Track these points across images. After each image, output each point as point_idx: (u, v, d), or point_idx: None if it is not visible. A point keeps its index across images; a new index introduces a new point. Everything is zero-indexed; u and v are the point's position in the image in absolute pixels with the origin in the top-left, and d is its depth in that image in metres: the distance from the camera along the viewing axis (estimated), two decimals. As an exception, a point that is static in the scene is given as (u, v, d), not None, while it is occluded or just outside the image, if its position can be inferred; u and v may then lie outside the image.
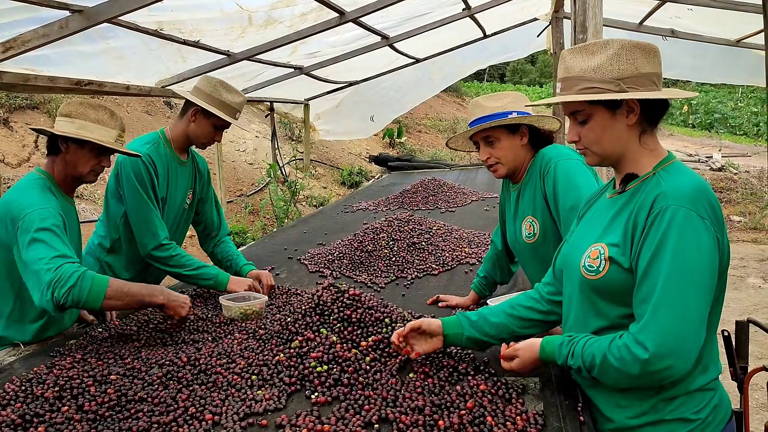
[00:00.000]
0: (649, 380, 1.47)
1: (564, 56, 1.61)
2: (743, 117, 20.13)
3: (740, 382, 2.01)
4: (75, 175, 2.39)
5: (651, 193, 1.51)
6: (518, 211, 2.36)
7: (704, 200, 1.46)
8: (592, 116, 1.58)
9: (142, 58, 4.49)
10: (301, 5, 4.51)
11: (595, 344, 1.53)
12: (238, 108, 2.88)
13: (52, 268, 2.05)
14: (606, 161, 1.64)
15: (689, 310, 1.41)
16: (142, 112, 9.87)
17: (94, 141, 2.31)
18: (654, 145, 1.60)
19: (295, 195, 8.14)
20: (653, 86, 1.53)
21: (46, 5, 3.04)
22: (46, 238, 2.11)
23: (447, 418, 1.59)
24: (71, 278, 2.04)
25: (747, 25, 6.18)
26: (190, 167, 3.05)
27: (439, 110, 18.35)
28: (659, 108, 1.58)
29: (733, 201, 10.24)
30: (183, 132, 2.91)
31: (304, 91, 7.71)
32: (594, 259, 1.58)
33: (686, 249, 1.42)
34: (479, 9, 6.29)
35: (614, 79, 1.51)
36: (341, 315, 2.08)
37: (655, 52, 1.54)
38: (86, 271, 2.11)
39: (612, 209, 1.63)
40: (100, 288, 2.10)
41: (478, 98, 2.30)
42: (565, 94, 1.59)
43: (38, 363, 2.07)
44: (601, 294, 1.59)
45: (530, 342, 1.72)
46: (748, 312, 6.02)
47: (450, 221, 4.22)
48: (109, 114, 2.39)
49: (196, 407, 1.73)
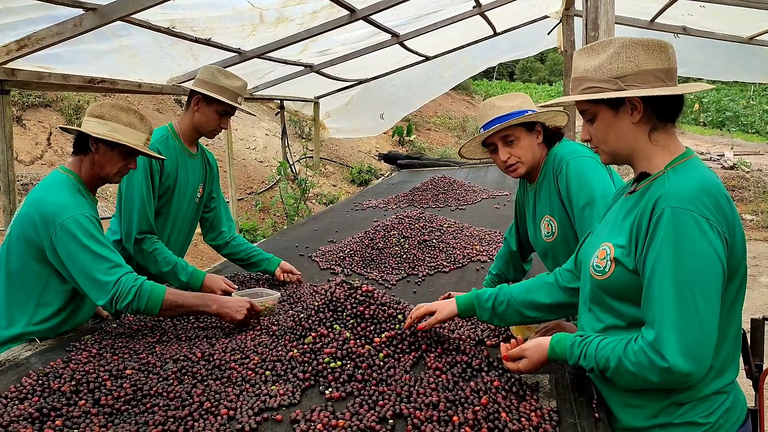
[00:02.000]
0: (666, 386, 1.47)
1: (574, 57, 1.63)
2: (755, 115, 19.97)
3: (755, 380, 2.00)
4: (102, 176, 2.43)
5: (655, 194, 1.49)
6: (537, 210, 2.36)
7: (707, 199, 1.42)
8: (597, 115, 1.58)
9: (155, 56, 4.52)
10: (312, 3, 4.52)
11: (609, 346, 1.51)
12: (238, 92, 2.89)
13: (112, 281, 2.20)
14: (617, 159, 1.63)
15: (701, 314, 1.39)
16: (153, 110, 9.91)
17: (126, 144, 2.36)
18: (667, 142, 1.56)
19: (305, 193, 8.16)
20: (659, 82, 1.50)
21: (60, 3, 3.07)
22: (94, 246, 2.22)
23: (461, 414, 1.59)
24: (130, 293, 2.20)
25: (760, 23, 6.14)
26: (201, 160, 3.08)
27: (448, 108, 18.33)
28: (669, 104, 1.54)
29: (745, 199, 10.18)
30: (189, 123, 2.95)
31: (314, 89, 7.72)
32: (601, 259, 1.58)
33: (688, 252, 1.40)
34: (490, 6, 6.28)
35: (612, 78, 1.51)
36: (354, 311, 2.09)
37: (662, 48, 1.51)
38: (144, 283, 2.24)
39: (624, 208, 1.62)
40: (156, 303, 2.25)
41: (491, 100, 2.30)
42: (573, 94, 1.60)
43: (54, 357, 2.09)
44: (609, 293, 1.59)
45: (538, 342, 1.70)
46: (761, 310, 5.98)
47: (460, 219, 4.21)
48: (139, 117, 2.43)
49: (211, 402, 1.74)
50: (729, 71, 7.98)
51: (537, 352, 1.68)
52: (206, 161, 3.15)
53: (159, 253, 2.81)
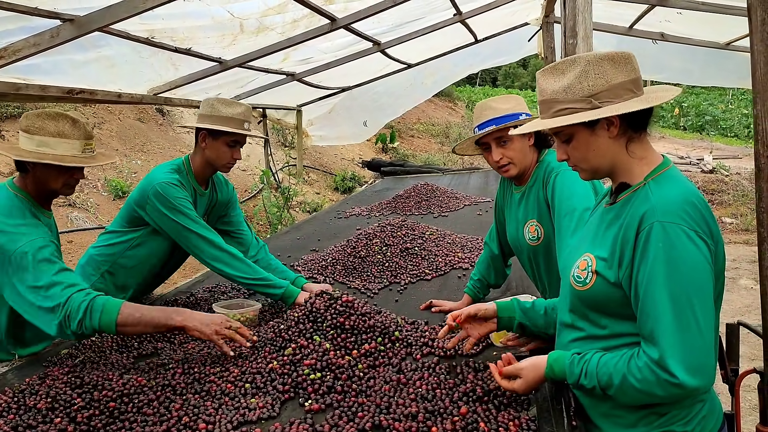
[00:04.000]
0: (671, 399, 1.47)
1: (537, 78, 1.60)
2: (734, 119, 20.25)
3: (731, 385, 2.03)
4: (48, 192, 2.28)
5: (640, 208, 1.49)
6: (522, 212, 2.41)
7: (693, 211, 1.44)
8: (573, 135, 1.55)
9: (134, 66, 4.49)
10: (293, 12, 4.52)
11: (611, 362, 1.50)
12: (242, 118, 2.76)
13: (60, 302, 2.01)
14: (597, 175, 1.63)
15: (701, 325, 1.40)
16: (134, 120, 9.84)
17: (51, 163, 2.14)
18: (644, 153, 1.57)
19: (289, 201, 8.13)
20: (630, 94, 1.50)
21: (37, 14, 3.04)
22: (41, 278, 2.03)
23: (440, 425, 1.59)
24: (80, 310, 2.00)
25: (735, 28, 6.23)
26: (207, 197, 2.99)
27: (431, 115, 18.38)
28: (642, 113, 1.54)
29: (724, 203, 10.29)
30: (201, 161, 2.84)
31: (296, 97, 7.71)
32: (582, 270, 1.58)
33: (681, 265, 1.40)
34: (470, 14, 6.32)
35: (585, 97, 1.49)
36: (334, 322, 2.09)
37: (626, 60, 1.51)
38: (97, 297, 2.04)
39: (605, 219, 1.62)
40: (110, 317, 2.02)
41: (487, 101, 2.35)
42: (544, 118, 1.58)
43: (31, 373, 2.07)
44: (589, 304, 1.59)
45: (534, 361, 1.66)
46: (740, 313, 6.05)
47: (443, 225, 4.23)
48: (70, 123, 2.20)
49: (189, 416, 1.73)
50: (706, 76, 8.08)
51: (533, 372, 1.64)
52: (215, 196, 3.03)
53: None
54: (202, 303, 2.87)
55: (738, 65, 7.13)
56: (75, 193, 7.18)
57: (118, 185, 7.57)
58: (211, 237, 2.71)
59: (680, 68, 7.67)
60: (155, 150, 9.35)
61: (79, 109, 8.51)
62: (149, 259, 2.85)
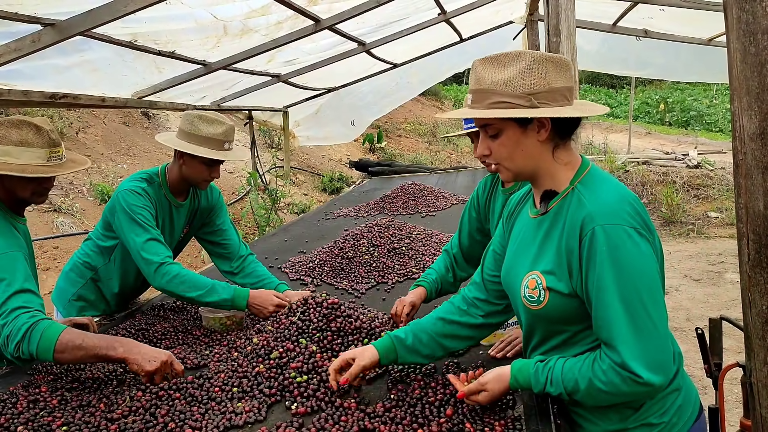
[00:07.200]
0: (636, 397, 1.49)
1: (475, 66, 1.53)
2: (718, 114, 20.40)
3: (715, 379, 2.04)
4: (17, 200, 2.22)
5: (576, 214, 1.48)
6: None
7: (629, 209, 1.44)
8: (503, 131, 1.52)
9: (117, 70, 4.46)
10: (276, 14, 4.50)
11: (575, 367, 1.49)
12: (222, 138, 2.64)
13: (7, 320, 1.90)
14: (520, 177, 1.59)
15: (655, 322, 1.41)
16: (119, 124, 9.78)
17: (10, 174, 2.08)
18: (568, 158, 1.56)
19: (276, 203, 8.11)
20: (565, 101, 1.50)
21: (16, 20, 3.01)
22: None
23: (426, 428, 1.60)
24: (20, 332, 1.88)
25: (718, 24, 6.28)
26: (188, 207, 2.91)
27: (418, 114, 18.40)
28: (571, 122, 1.54)
29: (710, 197, 10.37)
30: (178, 176, 2.76)
31: (282, 98, 7.69)
32: (533, 290, 1.56)
33: (627, 265, 1.41)
34: (454, 13, 6.33)
35: (525, 94, 1.46)
36: (320, 324, 2.08)
37: (567, 66, 1.51)
38: (41, 321, 1.91)
39: (539, 232, 1.59)
40: (49, 343, 1.88)
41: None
42: (476, 107, 1.52)
43: (15, 382, 2.05)
44: (546, 320, 1.59)
45: (498, 373, 1.62)
46: (726, 307, 6.11)
47: (431, 225, 4.24)
48: (34, 131, 2.12)
49: (176, 422, 1.72)
50: (690, 72, 8.16)
51: (498, 384, 1.61)
52: (197, 206, 2.95)
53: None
54: (189, 307, 2.86)
55: (721, 60, 7.11)
56: (60, 198, 7.13)
57: (104, 189, 7.52)
58: (153, 252, 2.54)
59: (664, 64, 7.74)
60: (141, 154, 9.30)
61: (63, 113, 8.44)
62: (133, 265, 2.83)
